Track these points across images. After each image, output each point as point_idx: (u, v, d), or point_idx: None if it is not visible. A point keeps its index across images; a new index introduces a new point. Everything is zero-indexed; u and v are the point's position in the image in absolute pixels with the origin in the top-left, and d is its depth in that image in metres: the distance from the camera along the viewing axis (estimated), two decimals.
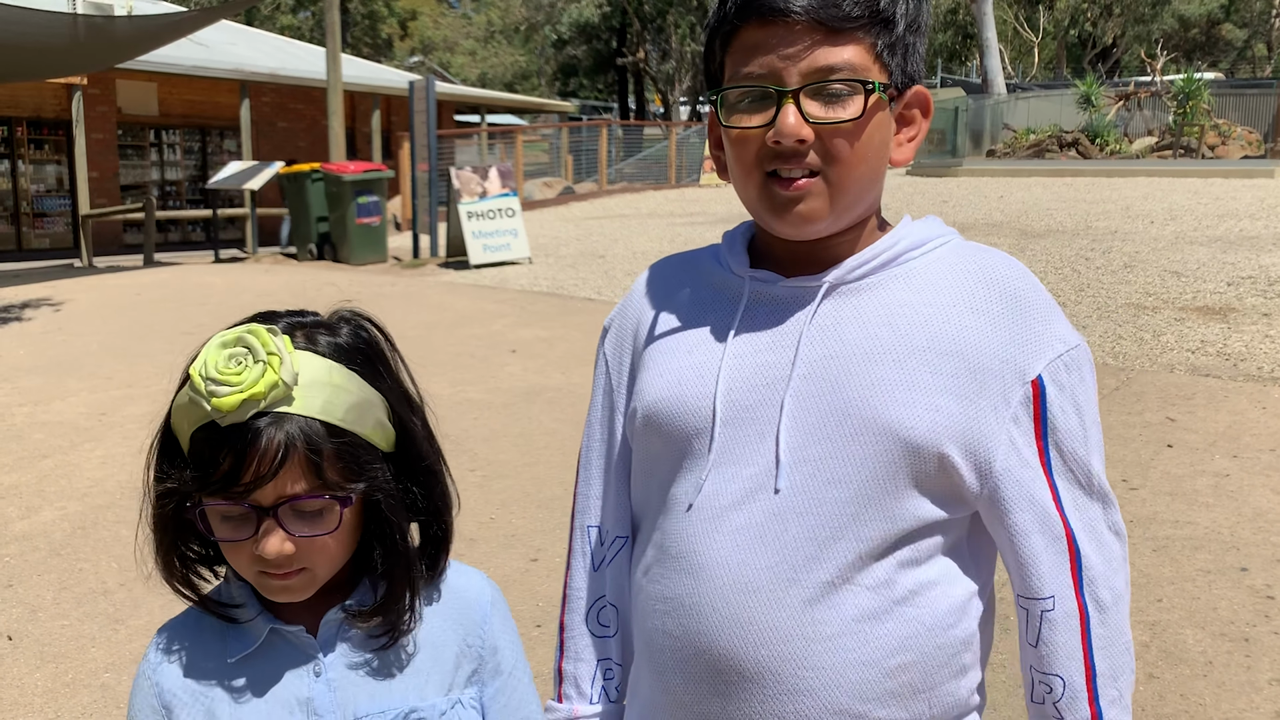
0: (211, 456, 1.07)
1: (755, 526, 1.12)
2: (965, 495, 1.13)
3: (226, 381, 1.06)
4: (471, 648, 1.25)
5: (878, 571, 1.11)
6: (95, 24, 12.51)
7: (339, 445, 1.10)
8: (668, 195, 21.92)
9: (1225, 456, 5.05)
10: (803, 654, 1.10)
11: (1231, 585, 3.78)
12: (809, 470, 1.11)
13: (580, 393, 6.60)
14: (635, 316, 1.31)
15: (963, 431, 1.10)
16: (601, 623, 1.33)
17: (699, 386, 1.18)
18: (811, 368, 1.13)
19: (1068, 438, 1.13)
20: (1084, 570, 1.13)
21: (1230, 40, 48.31)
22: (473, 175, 13.23)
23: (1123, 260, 10.38)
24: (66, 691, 3.34)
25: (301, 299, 10.67)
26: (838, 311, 1.15)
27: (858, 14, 1.09)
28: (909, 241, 1.18)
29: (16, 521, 4.73)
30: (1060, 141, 23.23)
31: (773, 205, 1.13)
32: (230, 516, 1.10)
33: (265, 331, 1.09)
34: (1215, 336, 7.32)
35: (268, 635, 1.17)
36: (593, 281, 11.19)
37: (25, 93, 18.98)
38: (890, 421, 1.09)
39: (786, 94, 1.09)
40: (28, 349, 8.37)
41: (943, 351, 1.11)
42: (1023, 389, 1.11)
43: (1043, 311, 1.14)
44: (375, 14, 49.75)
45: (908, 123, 1.19)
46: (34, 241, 20.00)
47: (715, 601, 1.13)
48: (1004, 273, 1.16)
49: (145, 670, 1.19)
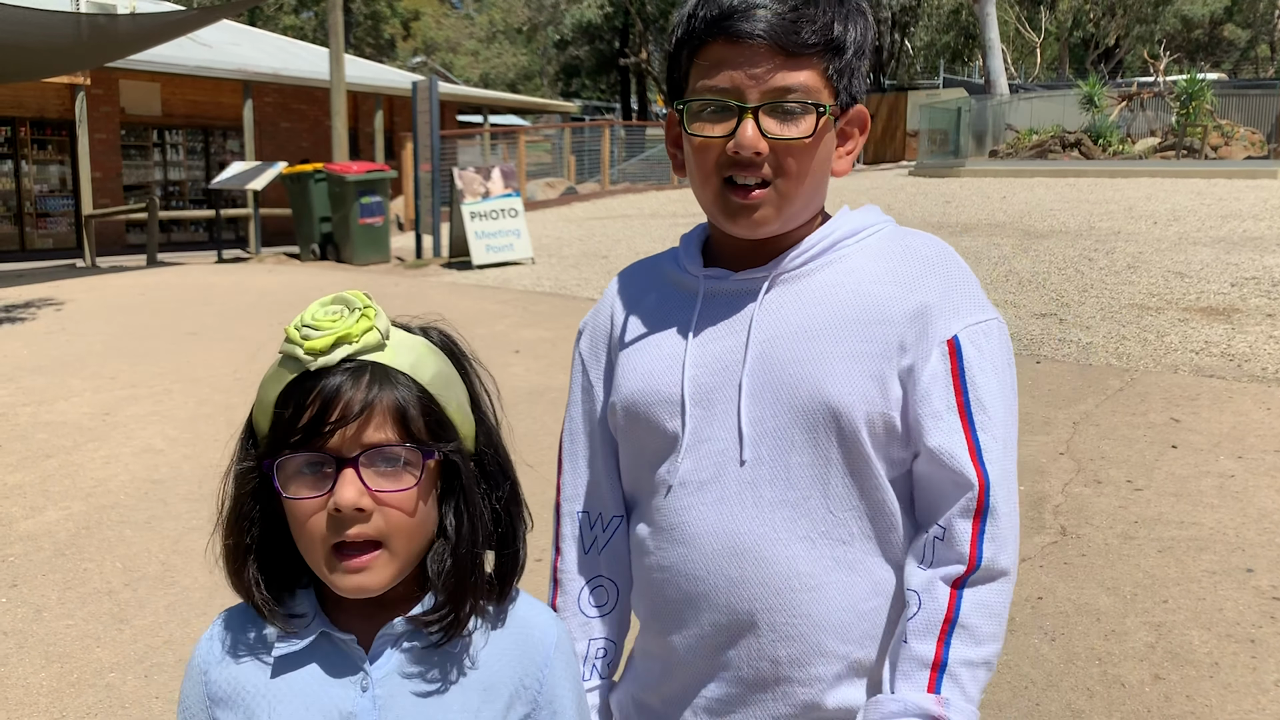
0: (296, 409, 1.06)
1: (733, 496, 1.26)
2: (903, 452, 1.26)
3: (321, 326, 1.08)
4: (528, 689, 1.17)
5: (849, 525, 1.25)
6: (98, 23, 12.52)
7: (427, 406, 1.10)
8: (670, 195, 21.92)
9: (1230, 457, 5.04)
10: (791, 604, 1.24)
11: (1237, 586, 3.78)
12: (771, 441, 1.25)
13: None
14: (607, 318, 1.44)
15: (894, 394, 1.23)
16: (595, 603, 1.43)
17: (668, 376, 1.31)
18: (762, 349, 1.27)
19: (989, 397, 1.22)
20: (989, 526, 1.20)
21: (1233, 41, 48.26)
22: (475, 175, 13.23)
23: (1126, 261, 10.36)
24: (71, 691, 3.34)
25: (305, 299, 10.63)
26: (781, 298, 1.29)
27: (814, 41, 1.21)
28: (843, 231, 1.31)
29: (21, 521, 4.74)
30: (1063, 142, 23.21)
31: (727, 209, 1.27)
32: (306, 473, 1.06)
33: (362, 293, 1.12)
34: (1219, 337, 7.31)
35: (317, 638, 1.12)
36: (596, 282, 11.19)
37: (29, 93, 18.99)
38: (828, 391, 1.22)
39: (747, 110, 1.21)
40: (31, 349, 8.37)
41: (870, 321, 1.24)
42: (940, 348, 1.23)
43: (959, 282, 1.27)
44: (378, 14, 49.76)
45: (847, 138, 1.32)
46: (37, 241, 20.01)
47: (709, 566, 1.27)
48: (925, 250, 1.30)
49: (195, 661, 1.17)
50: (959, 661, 1.18)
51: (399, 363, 1.09)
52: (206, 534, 4.55)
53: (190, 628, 3.74)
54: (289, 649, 1.12)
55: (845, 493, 1.24)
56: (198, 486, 5.11)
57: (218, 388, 6.97)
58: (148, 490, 5.11)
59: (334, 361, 1.06)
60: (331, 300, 1.12)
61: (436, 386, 1.11)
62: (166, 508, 4.88)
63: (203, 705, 1.15)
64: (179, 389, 6.98)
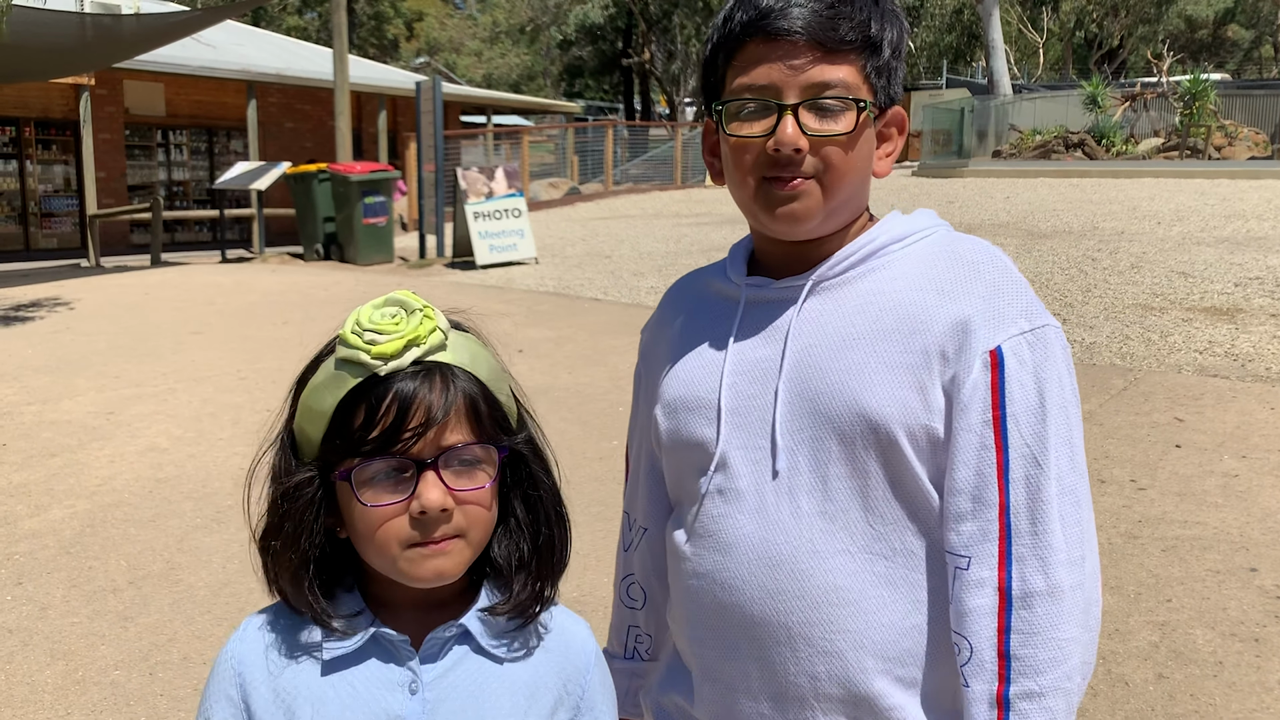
0: (369, 415, 1.05)
1: (771, 506, 1.23)
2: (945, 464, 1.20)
3: (387, 330, 1.07)
4: (570, 695, 1.19)
5: (890, 540, 1.20)
6: (103, 23, 12.55)
7: (490, 401, 1.11)
8: (674, 196, 21.93)
9: (1234, 457, 5.04)
10: (830, 619, 1.20)
11: (1241, 585, 3.78)
12: (808, 451, 1.22)
13: (587, 392, 6.61)
14: (660, 328, 1.46)
15: (937, 406, 1.18)
16: (631, 596, 1.49)
17: (707, 383, 1.31)
18: (798, 357, 1.24)
19: (1025, 413, 1.16)
20: (1013, 547, 1.15)
21: (1237, 41, 48.21)
22: (479, 176, 13.24)
23: (1130, 261, 10.36)
24: (76, 689, 3.34)
25: (308, 299, 10.70)
26: (821, 305, 1.26)
27: (852, 38, 1.20)
28: (888, 236, 1.27)
29: (26, 520, 4.75)
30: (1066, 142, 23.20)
31: (768, 203, 1.23)
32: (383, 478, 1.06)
33: (411, 292, 1.11)
34: (1223, 337, 7.30)
35: (367, 640, 1.11)
36: (599, 282, 11.19)
37: (33, 93, 19.02)
38: (866, 402, 1.18)
39: (786, 107, 1.19)
40: (36, 348, 8.39)
41: (910, 331, 1.20)
42: (982, 358, 1.17)
43: (1006, 288, 1.21)
44: (381, 15, 49.81)
45: (885, 139, 1.29)
46: (41, 241, 20.04)
47: (745, 576, 1.24)
48: (970, 255, 1.25)
49: (226, 658, 1.14)
50: (1020, 696, 1.13)
51: (460, 360, 1.10)
52: (211, 532, 4.59)
53: (194, 625, 3.74)
54: (338, 651, 1.11)
55: (886, 507, 1.20)
56: (201, 485, 5.13)
57: (221, 387, 6.98)
58: (152, 489, 5.12)
59: (405, 365, 1.06)
60: (384, 302, 1.10)
61: (492, 379, 1.13)
62: (171, 506, 4.89)
63: (233, 704, 1.12)
64: (183, 388, 6.99)
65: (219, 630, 3.71)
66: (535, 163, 23.44)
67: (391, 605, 1.13)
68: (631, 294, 10.39)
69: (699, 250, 13.01)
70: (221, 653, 1.15)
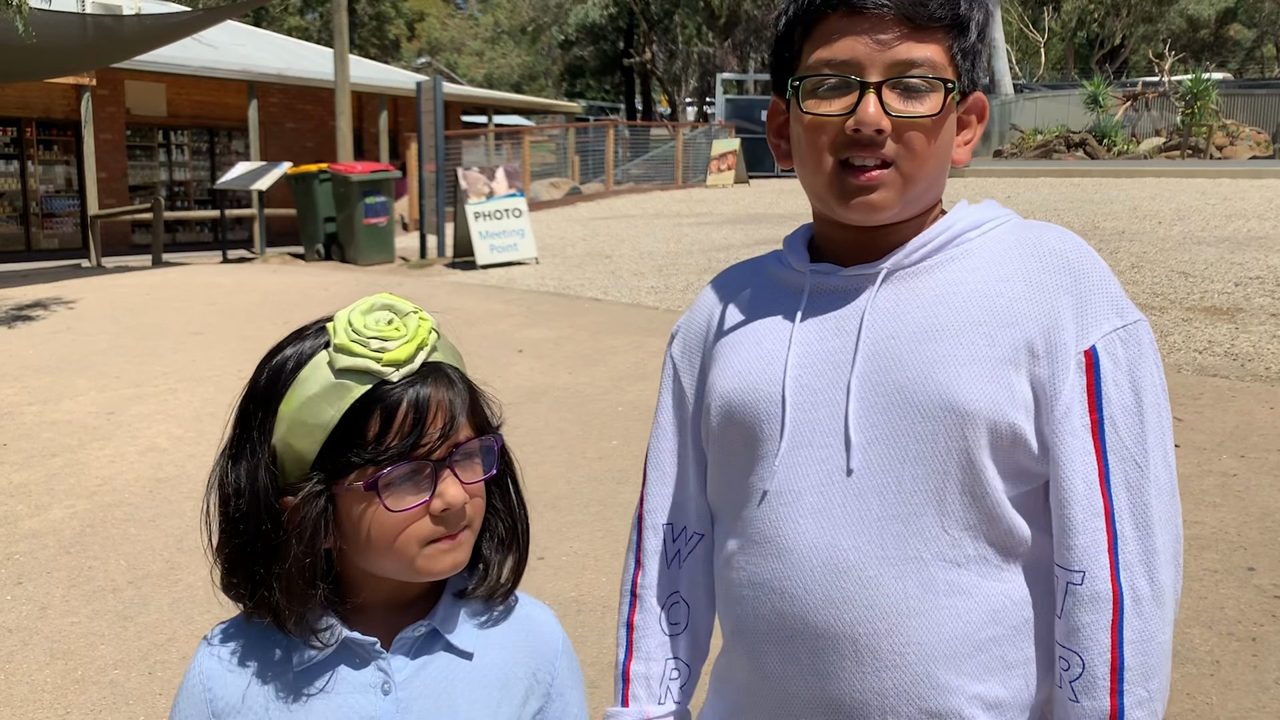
0: (385, 421, 1.05)
1: (836, 507, 1.15)
2: (1033, 465, 1.14)
3: (390, 336, 1.07)
4: (540, 683, 1.20)
5: (965, 546, 1.13)
6: (104, 24, 12.56)
7: (477, 393, 1.14)
8: (675, 196, 21.94)
9: (1232, 456, 5.04)
10: (899, 629, 1.12)
11: (1239, 584, 3.78)
12: (882, 449, 1.14)
13: (587, 392, 6.61)
14: (704, 320, 1.35)
15: (1023, 401, 1.12)
16: (672, 621, 1.35)
17: (768, 374, 1.21)
18: (874, 348, 1.16)
19: (1122, 413, 1.12)
20: (1120, 553, 1.11)
21: (1239, 40, 48.16)
22: (480, 175, 13.25)
23: (1130, 261, 10.36)
24: (75, 688, 3.35)
25: (309, 299, 10.70)
26: (896, 294, 1.19)
27: (941, 14, 1.14)
28: (965, 224, 1.21)
29: (26, 519, 4.76)
30: (1068, 142, 23.20)
31: (843, 192, 1.16)
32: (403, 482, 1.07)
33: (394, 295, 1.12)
34: (1223, 337, 7.30)
35: (338, 646, 1.12)
36: (599, 282, 11.20)
37: (34, 93, 19.04)
38: (954, 396, 1.11)
39: (869, 85, 1.12)
40: (37, 348, 8.40)
41: (999, 324, 1.13)
42: (1076, 359, 1.12)
43: (1099, 284, 1.15)
44: (383, 15, 49.82)
45: (965, 126, 1.23)
46: (43, 242, 20.06)
47: (807, 583, 1.15)
48: (1059, 246, 1.18)
49: (195, 675, 1.13)
50: (1134, 705, 1.10)
51: (449, 357, 1.13)
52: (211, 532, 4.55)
53: (194, 625, 3.75)
54: (309, 660, 1.11)
55: (962, 510, 1.12)
56: (201, 485, 5.10)
57: (222, 387, 6.99)
58: (152, 489, 5.13)
59: (415, 369, 1.07)
60: (373, 307, 1.09)
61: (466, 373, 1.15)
62: (170, 506, 4.90)
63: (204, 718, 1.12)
64: (183, 388, 7.00)
65: None
66: (536, 163, 23.45)
67: (360, 609, 1.14)
68: (632, 294, 10.39)
69: (699, 250, 13.02)
70: (189, 670, 1.14)
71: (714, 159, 24.31)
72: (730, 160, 24.16)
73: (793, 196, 20.14)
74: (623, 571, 1.41)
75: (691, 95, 45.55)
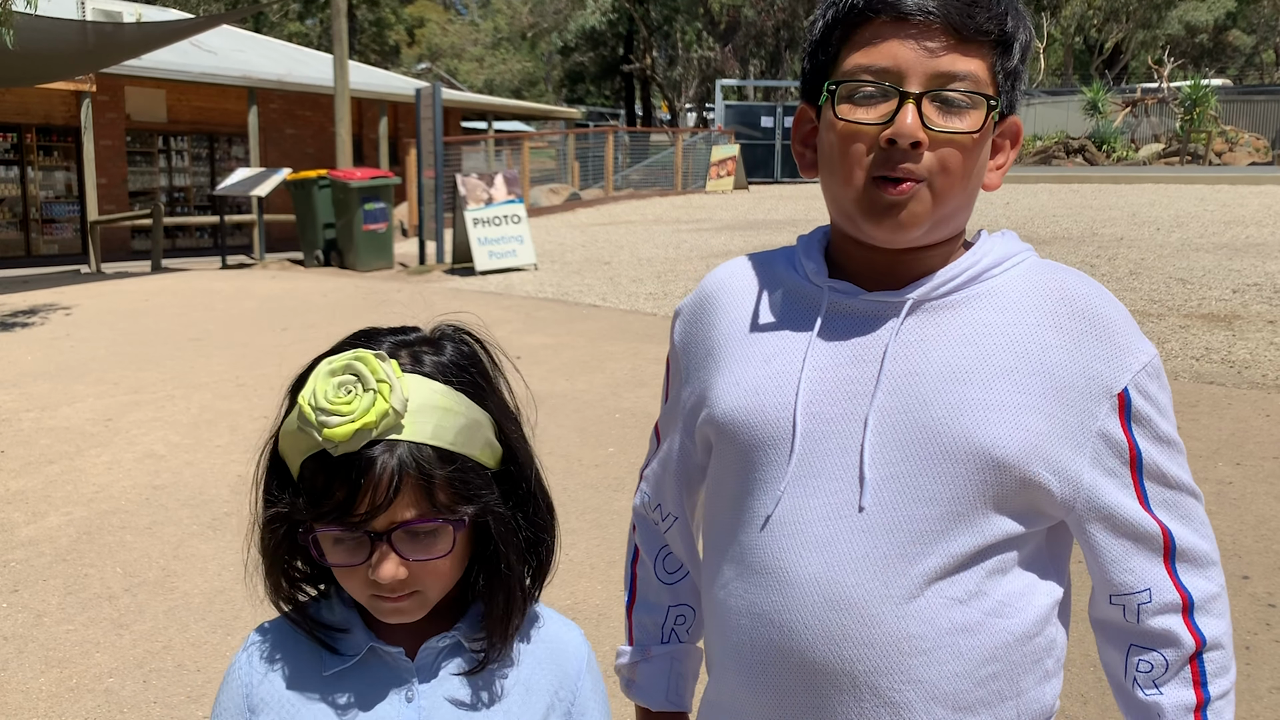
0: (325, 486, 1.07)
1: (843, 543, 1.12)
2: (1051, 510, 1.14)
3: (337, 411, 1.05)
4: (562, 701, 1.22)
5: (967, 584, 1.12)
6: (104, 31, 12.59)
7: (450, 469, 1.10)
8: (674, 202, 21.95)
9: (1228, 464, 5.04)
10: (899, 667, 1.11)
11: (1233, 593, 3.78)
12: (896, 488, 1.11)
13: (585, 399, 6.62)
14: (709, 309, 1.30)
15: (1051, 450, 1.11)
16: (668, 569, 1.39)
17: (777, 396, 1.17)
18: (896, 384, 1.13)
19: (1153, 444, 1.15)
20: (1177, 564, 1.16)
21: (1238, 46, 48.23)
22: (479, 182, 13.27)
23: (1128, 267, 10.37)
24: (70, 696, 3.35)
25: (308, 305, 10.72)
26: (922, 329, 1.15)
27: (989, 28, 1.10)
28: (992, 258, 1.18)
29: (23, 527, 4.76)
30: (1067, 148, 23.23)
31: (872, 207, 1.12)
32: (343, 541, 1.10)
33: (373, 358, 1.08)
34: (1220, 344, 7.31)
35: (365, 653, 1.16)
36: (598, 288, 11.21)
37: (34, 99, 19.07)
38: (980, 442, 1.09)
39: (909, 95, 1.09)
40: (35, 354, 8.41)
41: (1029, 371, 1.12)
42: (1109, 403, 1.13)
43: (1122, 327, 1.16)
44: (383, 21, 49.91)
45: (998, 150, 1.20)
46: (42, 247, 20.09)
47: (807, 618, 1.13)
48: (1082, 291, 1.17)
49: (236, 671, 1.19)
50: (1218, 694, 1.16)
51: (420, 434, 1.08)
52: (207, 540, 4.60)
53: (190, 633, 3.76)
54: (338, 666, 1.16)
55: (973, 553, 1.11)
56: (199, 492, 5.14)
57: (220, 394, 7.00)
58: (149, 496, 5.14)
59: (355, 449, 1.06)
60: (343, 369, 1.08)
61: (460, 442, 1.11)
62: (168, 513, 4.90)
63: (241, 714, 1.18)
64: (181, 395, 7.01)
65: (214, 638, 3.72)
66: (536, 168, 23.48)
67: None
68: (630, 300, 10.41)
69: (698, 257, 13.03)
70: (230, 667, 1.20)
71: (713, 165, 24.35)
72: (730, 166, 24.19)
73: (792, 202, 20.16)
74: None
75: (691, 101, 45.61)
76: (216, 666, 3.52)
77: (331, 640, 1.16)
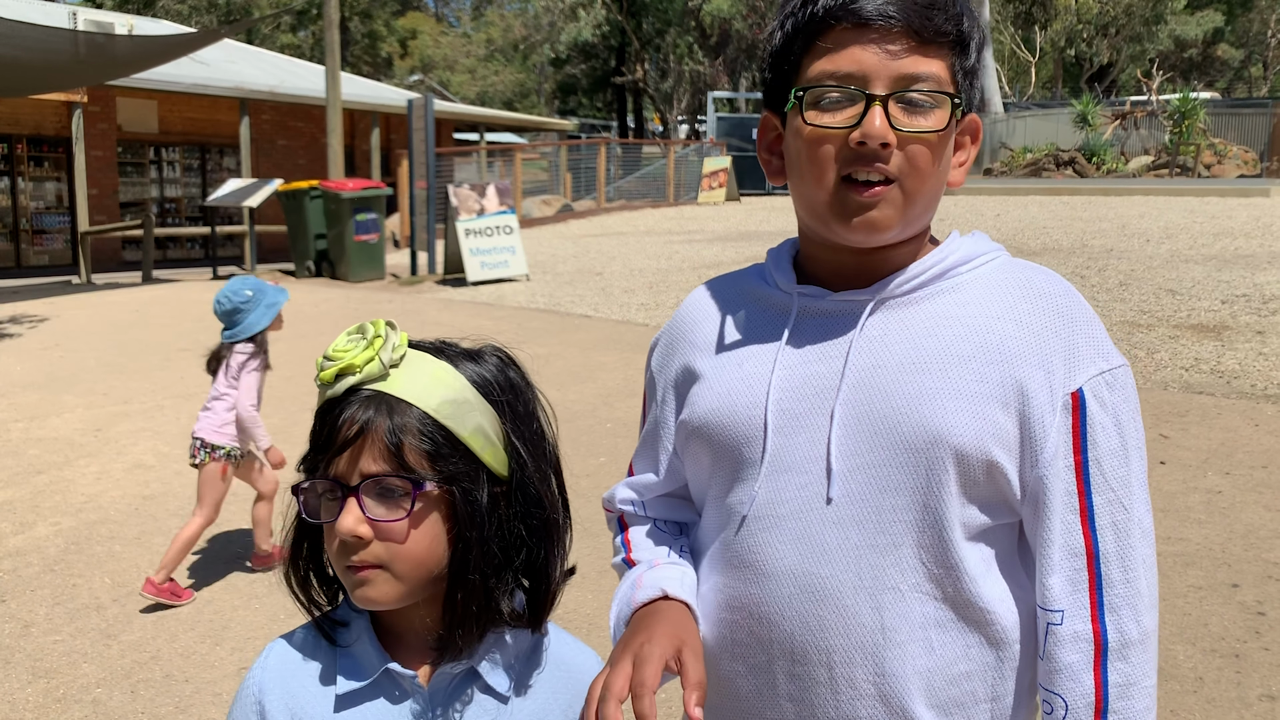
0: (314, 430, 1.13)
1: (816, 534, 1.14)
2: (1012, 502, 1.15)
3: (335, 357, 1.12)
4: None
5: (942, 580, 1.13)
6: (96, 41, 12.57)
7: (428, 433, 1.10)
8: (666, 213, 21.98)
9: (1218, 473, 5.06)
10: (875, 659, 1.13)
11: (1222, 601, 3.79)
12: (863, 478, 1.14)
13: (575, 409, 6.61)
14: (684, 334, 1.32)
15: (1007, 438, 1.12)
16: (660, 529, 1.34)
17: (749, 396, 1.20)
18: (860, 377, 1.15)
19: (1108, 456, 1.12)
20: (1105, 595, 1.11)
21: (1227, 60, 48.53)
22: (470, 193, 13.27)
23: (1118, 278, 10.40)
24: (58, 707, 3.33)
25: (299, 315, 10.69)
26: (885, 324, 1.18)
27: (947, 29, 1.13)
28: (957, 257, 1.21)
29: (10, 537, 4.74)
30: (1057, 160, 23.34)
31: (844, 209, 1.14)
32: (325, 498, 1.12)
33: (383, 322, 1.14)
34: (1209, 354, 7.34)
35: (380, 675, 1.15)
36: (590, 299, 11.21)
37: (25, 110, 19.05)
38: (938, 429, 1.11)
39: (875, 98, 1.11)
40: (25, 365, 8.38)
41: (987, 360, 1.13)
42: (1064, 400, 1.12)
43: (1085, 327, 1.16)
44: (375, 33, 49.96)
45: (960, 147, 1.23)
46: (33, 258, 20.03)
47: (784, 609, 1.15)
48: (1048, 287, 1.18)
49: (250, 684, 1.18)
50: None
51: (402, 391, 1.10)
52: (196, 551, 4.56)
53: (177, 643, 3.74)
54: (352, 685, 1.15)
55: (941, 543, 1.12)
56: (187, 503, 5.11)
57: None
58: (138, 506, 5.12)
59: (339, 392, 1.10)
60: (356, 328, 1.15)
61: (445, 413, 1.11)
62: (156, 523, 4.88)
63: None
64: (171, 405, 6.98)
65: (202, 648, 3.70)
66: (528, 180, 23.50)
67: (402, 635, 1.17)
68: (622, 311, 10.41)
69: (690, 268, 13.04)
70: (245, 678, 1.20)
71: (705, 176, 24.38)
72: (721, 178, 24.23)
73: (783, 214, 20.19)
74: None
75: (683, 113, 45.72)
76: (204, 677, 3.50)
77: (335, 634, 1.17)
